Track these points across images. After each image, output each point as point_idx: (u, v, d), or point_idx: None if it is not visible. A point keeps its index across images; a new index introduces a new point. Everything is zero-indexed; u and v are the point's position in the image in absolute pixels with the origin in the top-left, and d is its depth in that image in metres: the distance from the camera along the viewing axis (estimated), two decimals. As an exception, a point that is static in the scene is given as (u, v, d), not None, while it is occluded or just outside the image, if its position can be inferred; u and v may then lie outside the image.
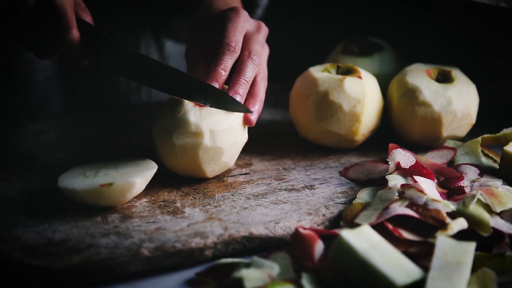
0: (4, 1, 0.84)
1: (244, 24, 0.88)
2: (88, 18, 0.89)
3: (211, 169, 0.84)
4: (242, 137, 0.85)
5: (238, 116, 0.85)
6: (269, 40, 0.94)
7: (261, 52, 0.88)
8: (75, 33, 0.84)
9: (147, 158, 0.83)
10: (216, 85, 0.83)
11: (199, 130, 0.81)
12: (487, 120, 0.97)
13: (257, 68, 0.87)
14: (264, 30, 0.91)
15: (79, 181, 0.78)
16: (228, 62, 0.85)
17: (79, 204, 0.78)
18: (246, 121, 0.85)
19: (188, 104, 0.83)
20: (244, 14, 0.88)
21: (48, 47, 0.86)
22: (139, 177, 0.79)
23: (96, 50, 0.87)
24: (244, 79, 0.85)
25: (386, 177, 0.82)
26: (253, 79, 0.88)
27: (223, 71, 0.84)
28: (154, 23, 1.18)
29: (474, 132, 0.95)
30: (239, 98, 0.84)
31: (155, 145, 0.85)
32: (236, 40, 0.85)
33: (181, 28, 1.17)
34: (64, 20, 0.84)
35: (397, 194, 0.77)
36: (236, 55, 0.85)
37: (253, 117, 0.86)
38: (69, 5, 0.84)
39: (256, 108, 0.87)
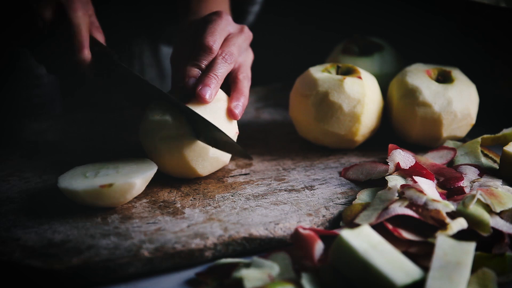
0: (22, 13, 0.87)
1: (226, 27, 0.90)
2: (101, 37, 0.91)
3: (201, 166, 0.84)
4: (229, 131, 0.85)
5: (221, 109, 0.85)
6: (269, 40, 0.94)
7: (236, 53, 0.89)
8: (87, 53, 0.87)
9: (146, 159, 0.83)
10: (192, 80, 0.85)
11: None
12: (487, 120, 0.97)
13: (229, 67, 0.88)
14: (246, 34, 0.93)
15: (79, 181, 0.78)
16: (203, 62, 0.86)
17: (79, 205, 0.78)
18: (230, 114, 0.86)
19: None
20: (226, 18, 0.90)
21: (59, 62, 0.88)
22: (139, 177, 0.79)
23: (105, 72, 0.89)
24: (214, 73, 0.86)
25: (386, 177, 0.82)
26: (236, 77, 0.89)
27: (198, 69, 0.85)
28: (149, 28, 1.19)
29: (474, 132, 0.95)
30: (209, 90, 0.84)
31: (144, 150, 0.85)
32: (214, 40, 0.87)
33: (174, 33, 1.18)
34: (78, 40, 0.86)
35: (397, 194, 0.77)
36: (213, 55, 0.87)
37: (237, 111, 0.86)
38: (85, 25, 0.87)
39: (241, 102, 0.87)
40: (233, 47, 0.89)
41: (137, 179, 0.78)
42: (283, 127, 1.02)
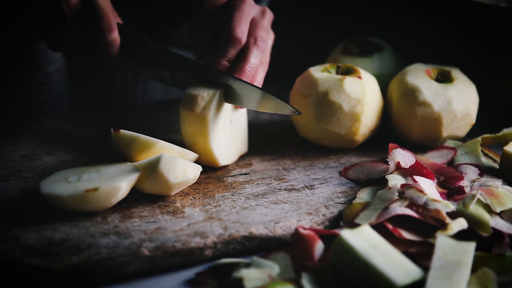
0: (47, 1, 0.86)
1: (250, 11, 0.88)
2: (119, 20, 0.91)
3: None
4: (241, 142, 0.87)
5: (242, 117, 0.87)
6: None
7: (266, 38, 0.89)
8: (116, 34, 0.87)
9: (128, 162, 0.82)
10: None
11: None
12: (487, 120, 0.97)
13: (262, 54, 0.87)
14: (269, 15, 0.92)
15: (63, 186, 0.77)
16: (232, 54, 0.85)
17: (61, 210, 0.77)
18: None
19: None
20: (249, 2, 0.89)
21: (81, 48, 0.88)
22: (124, 181, 0.77)
23: (134, 54, 0.89)
24: (249, 67, 0.85)
25: (386, 177, 0.82)
26: None
27: (228, 62, 0.85)
28: (154, 32, 1.19)
29: (474, 132, 0.95)
30: None
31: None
32: (241, 31, 0.86)
33: (180, 36, 1.18)
34: (107, 21, 0.86)
35: (397, 194, 0.77)
36: (241, 46, 0.86)
37: (244, 73, 0.86)
38: (110, 7, 0.87)
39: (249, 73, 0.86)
40: (262, 32, 0.88)
41: (122, 182, 0.77)
42: (283, 127, 1.02)
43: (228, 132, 0.88)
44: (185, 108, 0.84)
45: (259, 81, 0.88)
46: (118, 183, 0.77)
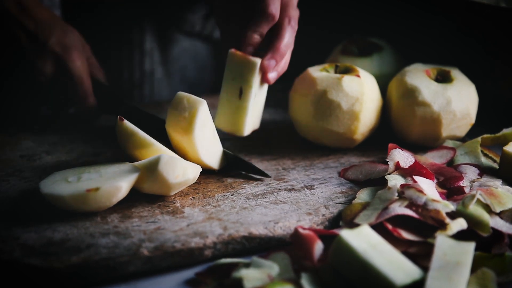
0: (23, 70, 0.92)
1: None
2: (100, 75, 0.96)
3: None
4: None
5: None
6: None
7: (297, 17, 0.89)
8: (92, 100, 0.93)
9: (127, 162, 0.82)
10: (251, 49, 0.84)
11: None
12: (487, 120, 0.97)
13: (294, 34, 0.88)
14: None
15: (63, 186, 0.77)
16: (265, 30, 0.85)
17: (61, 210, 0.77)
18: (264, 79, 0.86)
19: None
20: None
21: (65, 106, 0.95)
22: (125, 180, 0.77)
23: (111, 110, 0.95)
24: (284, 46, 0.86)
25: (386, 177, 0.82)
26: (282, 27, 0.88)
27: (260, 37, 0.85)
28: (166, 18, 1.18)
29: (473, 132, 0.95)
30: (274, 64, 0.85)
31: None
32: (276, 8, 0.85)
33: (192, 23, 1.18)
34: (82, 89, 0.92)
35: (396, 194, 0.77)
36: (274, 22, 0.86)
37: (272, 76, 0.86)
38: (85, 73, 0.93)
39: (280, 66, 0.87)
40: (294, 11, 0.88)
41: (123, 182, 0.77)
42: (283, 127, 1.02)
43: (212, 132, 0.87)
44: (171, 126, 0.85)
45: (287, 60, 0.89)
46: (119, 183, 0.77)
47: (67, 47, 0.92)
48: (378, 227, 0.73)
